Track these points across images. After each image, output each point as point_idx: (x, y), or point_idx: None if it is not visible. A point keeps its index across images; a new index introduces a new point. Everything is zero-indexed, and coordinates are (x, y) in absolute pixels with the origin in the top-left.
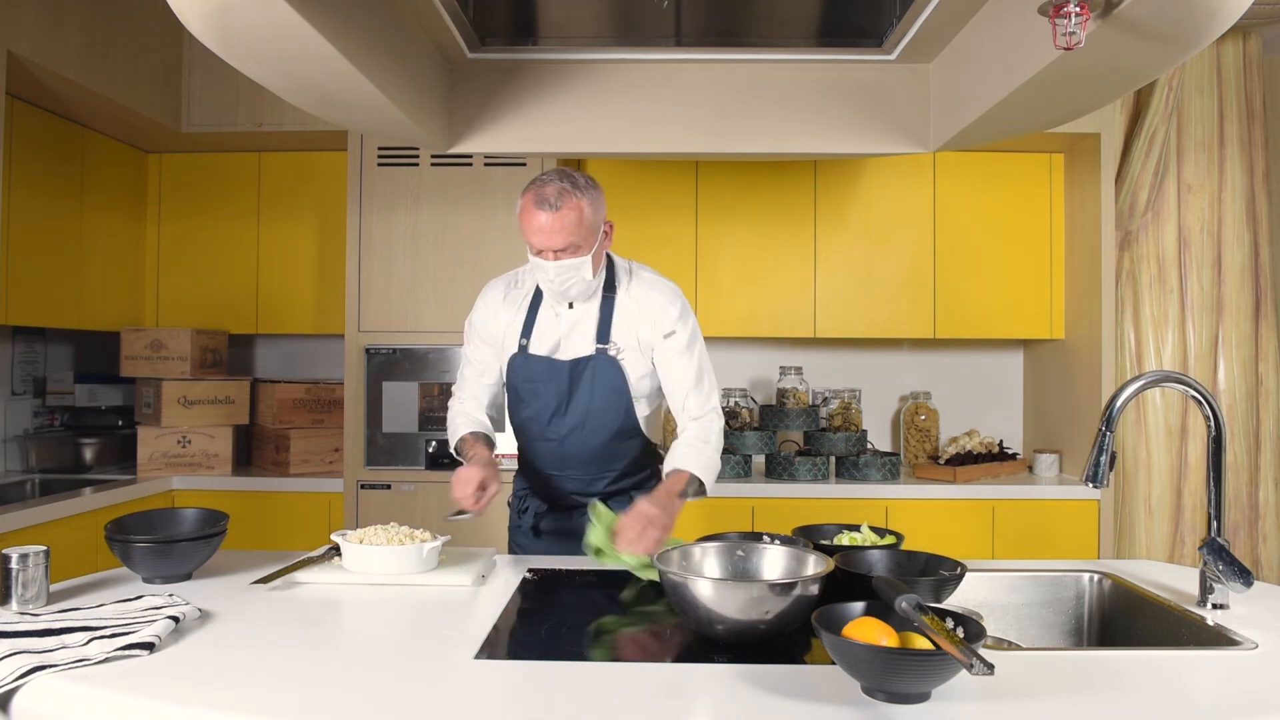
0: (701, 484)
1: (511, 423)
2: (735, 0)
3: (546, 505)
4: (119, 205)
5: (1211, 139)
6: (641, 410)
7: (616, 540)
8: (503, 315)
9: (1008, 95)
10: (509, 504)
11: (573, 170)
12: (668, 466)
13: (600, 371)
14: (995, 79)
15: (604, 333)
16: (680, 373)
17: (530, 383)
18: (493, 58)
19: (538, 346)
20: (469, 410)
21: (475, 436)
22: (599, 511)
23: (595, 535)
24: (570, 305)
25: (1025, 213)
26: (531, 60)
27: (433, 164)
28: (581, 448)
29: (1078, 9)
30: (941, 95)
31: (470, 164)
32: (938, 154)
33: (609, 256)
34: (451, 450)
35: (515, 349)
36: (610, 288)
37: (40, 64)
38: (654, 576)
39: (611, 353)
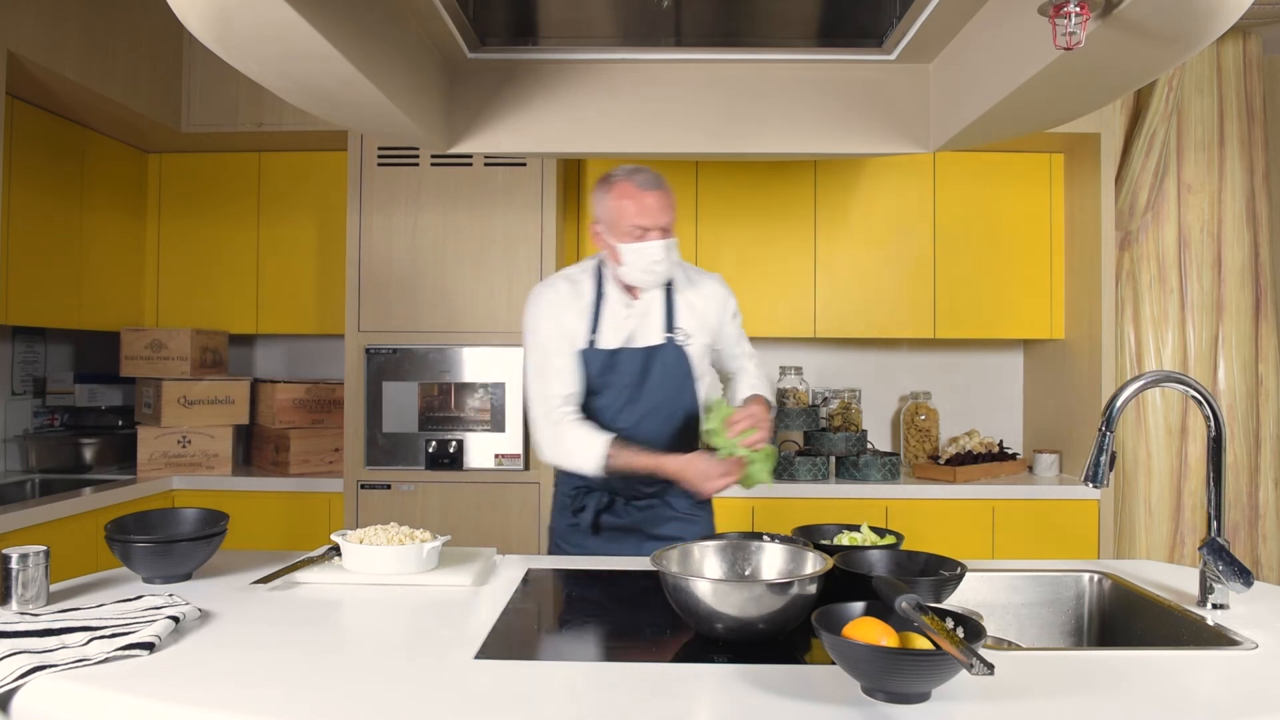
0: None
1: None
2: (735, 0)
3: (609, 499)
4: (119, 205)
5: (1211, 139)
6: (701, 393)
7: (729, 428)
8: (571, 312)
9: (1008, 95)
10: (554, 507)
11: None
12: (746, 391)
13: (669, 359)
14: (995, 79)
15: (670, 321)
16: (742, 337)
17: (602, 375)
18: (493, 58)
19: (609, 340)
20: (584, 427)
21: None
22: (716, 403)
23: (712, 421)
24: (636, 296)
25: (1025, 213)
26: (531, 60)
27: (433, 164)
28: (653, 434)
29: (1078, 9)
30: (941, 95)
31: (470, 164)
32: (938, 154)
33: None
34: (598, 468)
35: (584, 344)
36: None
37: (40, 64)
38: (761, 477)
39: (679, 340)
